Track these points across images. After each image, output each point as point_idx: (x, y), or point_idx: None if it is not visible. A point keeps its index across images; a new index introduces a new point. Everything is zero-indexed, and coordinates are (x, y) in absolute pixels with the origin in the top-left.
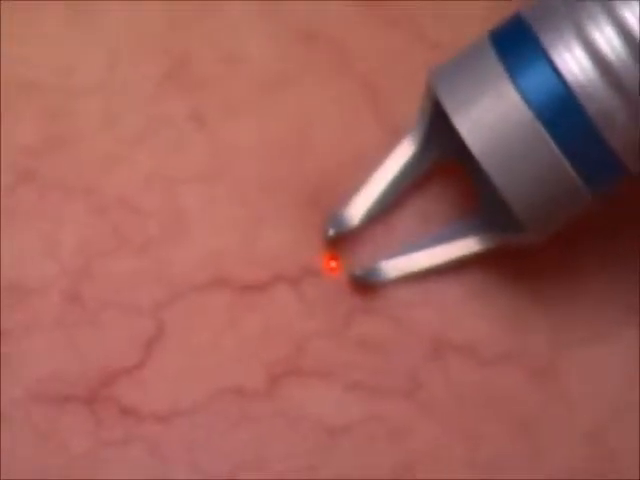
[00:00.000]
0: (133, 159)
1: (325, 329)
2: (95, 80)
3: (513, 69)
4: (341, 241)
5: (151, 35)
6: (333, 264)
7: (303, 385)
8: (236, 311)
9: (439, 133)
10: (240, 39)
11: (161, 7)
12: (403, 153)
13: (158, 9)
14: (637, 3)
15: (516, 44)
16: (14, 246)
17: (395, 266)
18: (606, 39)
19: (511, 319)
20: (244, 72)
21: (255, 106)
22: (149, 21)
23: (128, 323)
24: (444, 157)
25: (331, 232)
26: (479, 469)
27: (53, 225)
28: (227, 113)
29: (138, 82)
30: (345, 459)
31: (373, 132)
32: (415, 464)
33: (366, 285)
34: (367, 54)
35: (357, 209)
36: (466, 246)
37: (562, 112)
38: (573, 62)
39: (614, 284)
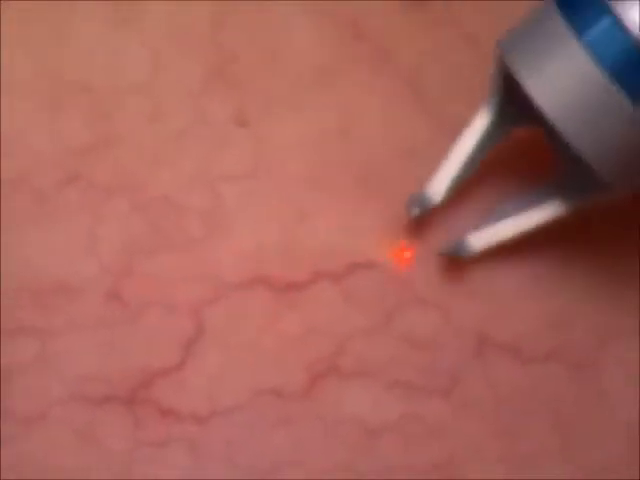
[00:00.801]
0: (177, 157)
1: (367, 326)
2: (140, 80)
3: (580, 29)
4: (417, 226)
5: (195, 34)
6: (407, 254)
7: (342, 385)
8: (277, 310)
9: (513, 101)
10: (284, 37)
11: (205, 6)
12: (479, 125)
13: (202, 8)
14: None
15: (581, 4)
16: (58, 245)
17: (480, 238)
18: None
19: (557, 316)
20: (288, 69)
21: (298, 103)
22: (193, 20)
23: (168, 323)
24: (519, 124)
25: (415, 211)
26: (517, 466)
27: (97, 224)
28: (270, 110)
29: (183, 81)
30: (384, 458)
31: (417, 126)
32: (453, 462)
33: (454, 260)
34: (410, 50)
35: (438, 186)
36: (548, 211)
37: (631, 67)
38: (638, 17)
39: None
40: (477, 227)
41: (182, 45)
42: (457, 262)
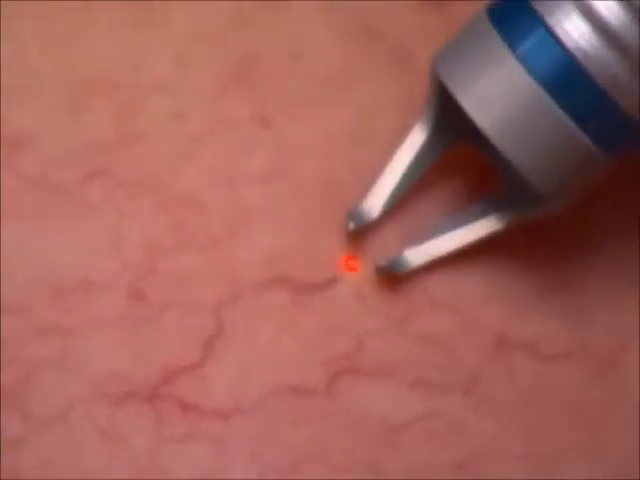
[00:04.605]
0: (199, 157)
1: (384, 326)
2: (164, 78)
3: (513, 41)
4: (360, 236)
5: (217, 34)
6: (353, 263)
7: (362, 383)
8: (296, 310)
9: (449, 117)
10: (305, 38)
11: (227, 6)
12: (415, 141)
13: (224, 8)
14: None
15: (513, 16)
16: (81, 242)
17: (418, 253)
18: (602, 2)
19: (574, 315)
20: (309, 71)
21: (319, 105)
22: (215, 20)
23: (190, 321)
24: (457, 140)
25: (351, 226)
26: (538, 464)
27: (119, 221)
28: (292, 112)
29: (205, 81)
30: (406, 455)
31: None
32: (475, 459)
33: (391, 276)
34: (429, 52)
35: (375, 201)
36: (487, 225)
37: (566, 79)
38: (571, 28)
39: None
40: (415, 242)
41: (205, 45)
42: (473, 261)
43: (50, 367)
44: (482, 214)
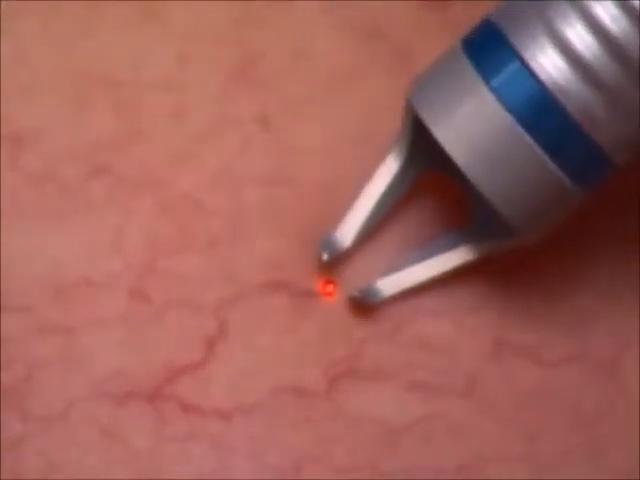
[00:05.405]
0: (200, 157)
1: (383, 331)
2: (165, 77)
3: (488, 75)
4: (334, 263)
5: (219, 33)
6: (330, 288)
7: (362, 387)
8: (296, 312)
9: (422, 147)
10: (306, 37)
11: (228, 5)
12: (388, 170)
13: (225, 7)
14: None
15: (488, 49)
16: (82, 240)
17: (391, 283)
18: (578, 36)
19: (574, 318)
20: (310, 70)
21: (320, 106)
22: (217, 19)
23: (191, 321)
24: (430, 170)
25: (325, 256)
26: (538, 466)
27: (120, 220)
28: (293, 113)
29: (206, 80)
30: (406, 457)
31: None
32: (475, 462)
33: (364, 305)
34: (430, 53)
35: (348, 230)
36: (460, 256)
37: (541, 113)
38: (547, 62)
39: None
40: (387, 272)
41: (206, 44)
42: (469, 265)
43: (51, 366)
44: (455, 244)
